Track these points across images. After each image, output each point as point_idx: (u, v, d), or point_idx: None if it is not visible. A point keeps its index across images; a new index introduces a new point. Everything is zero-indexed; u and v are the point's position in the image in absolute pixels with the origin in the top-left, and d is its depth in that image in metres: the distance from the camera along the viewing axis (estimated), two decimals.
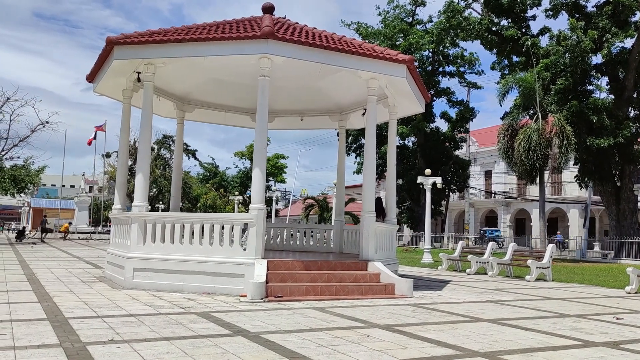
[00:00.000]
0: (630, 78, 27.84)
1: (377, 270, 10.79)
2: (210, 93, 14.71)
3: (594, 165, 28.58)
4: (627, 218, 28.79)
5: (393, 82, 11.92)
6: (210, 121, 16.59)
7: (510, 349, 5.83)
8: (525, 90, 28.27)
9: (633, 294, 12.75)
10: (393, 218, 13.78)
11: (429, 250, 24.12)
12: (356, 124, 16.45)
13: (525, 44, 29.49)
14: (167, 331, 6.08)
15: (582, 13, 29.50)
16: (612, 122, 26.98)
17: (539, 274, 15.58)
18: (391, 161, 14.01)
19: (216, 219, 10.48)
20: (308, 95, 14.81)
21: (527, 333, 6.86)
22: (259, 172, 10.14)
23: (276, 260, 10.20)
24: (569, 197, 49.74)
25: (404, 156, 45.49)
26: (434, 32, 40.31)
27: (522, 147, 26.60)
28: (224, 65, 12.36)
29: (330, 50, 10.37)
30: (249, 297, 8.94)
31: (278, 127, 17.29)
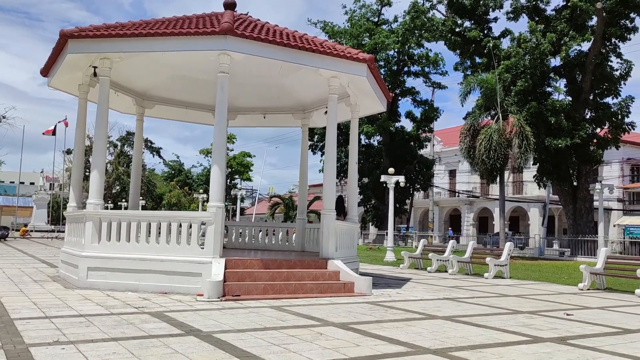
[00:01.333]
0: (587, 81, 28.62)
1: (336, 268, 10.81)
2: (171, 89, 14.49)
3: (552, 165, 29.28)
4: (583, 217, 29.61)
5: (354, 80, 11.96)
6: (171, 118, 16.36)
7: (461, 345, 5.91)
8: (486, 91, 28.76)
9: (585, 290, 13.11)
10: (354, 216, 13.84)
11: (391, 248, 24.32)
12: (319, 122, 16.45)
13: (487, 45, 30.02)
14: (117, 331, 5.95)
15: (541, 16, 30.19)
16: (569, 124, 27.69)
17: (497, 272, 15.88)
18: (353, 160, 14.05)
19: (174, 217, 10.33)
20: (270, 92, 14.74)
21: (479, 330, 6.97)
22: (217, 170, 10.03)
23: (235, 259, 10.12)
24: (530, 197, 50.89)
25: (370, 155, 45.76)
26: (399, 32, 40.67)
27: (483, 147, 27.06)
28: (184, 61, 12.18)
29: (291, 48, 10.34)
30: (205, 296, 8.84)
31: (241, 125, 17.18)
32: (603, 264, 13.75)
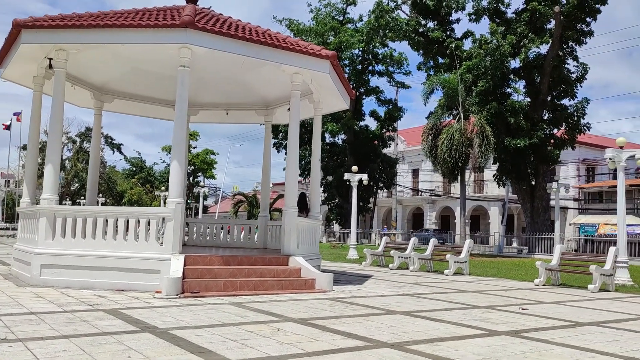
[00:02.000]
0: (545, 82, 29.37)
1: (298, 265, 10.79)
2: (131, 83, 14.19)
3: (511, 165, 29.95)
4: (540, 215, 30.39)
5: (317, 77, 11.95)
6: (130, 112, 16.03)
7: (418, 339, 5.97)
8: (449, 91, 29.22)
9: (541, 286, 13.45)
10: (317, 213, 13.84)
11: (354, 246, 24.45)
12: (282, 119, 16.38)
13: (449, 46, 30.48)
14: (69, 329, 5.79)
15: (502, 19, 30.83)
16: (528, 124, 28.37)
17: (456, 268, 16.14)
18: (316, 157, 14.05)
19: (132, 213, 10.13)
20: (233, 88, 14.61)
21: (436, 324, 7.05)
22: (177, 165, 9.87)
23: (194, 255, 9.98)
24: (490, 196, 51.91)
25: (334, 153, 45.91)
26: (364, 32, 40.90)
27: (445, 146, 27.48)
28: (144, 55, 11.94)
29: (253, 42, 10.25)
30: (163, 293, 8.69)
31: (203, 121, 16.97)
32: (558, 261, 14.13)
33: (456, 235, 43.46)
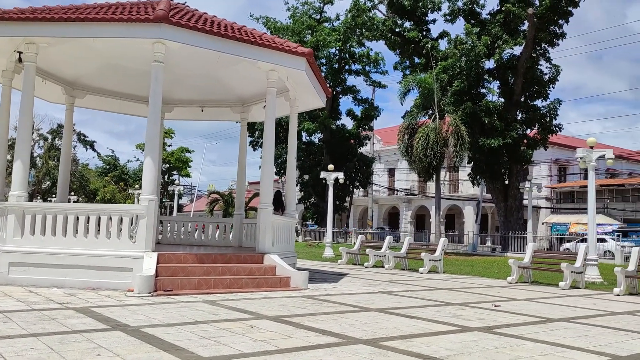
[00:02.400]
0: (519, 83, 29.80)
1: (273, 263, 10.74)
2: (104, 78, 13.95)
3: (485, 164, 30.32)
4: (513, 214, 30.83)
5: (293, 75, 11.91)
6: (103, 109, 15.78)
7: (392, 335, 5.99)
8: (424, 91, 29.44)
9: (514, 283, 13.63)
10: (293, 211, 13.81)
11: (330, 244, 24.47)
12: (258, 116, 16.29)
13: (425, 46, 30.72)
14: (37, 327, 5.65)
15: (477, 20, 31.18)
16: (502, 124, 28.76)
17: (431, 267, 16.26)
18: (291, 154, 14.02)
19: (103, 210, 9.97)
20: (208, 85, 14.47)
21: (410, 321, 7.09)
22: (150, 162, 9.74)
23: (167, 253, 9.86)
24: (465, 195, 52.48)
25: (310, 152, 45.89)
26: (341, 30, 40.97)
27: (421, 145, 27.68)
28: (117, 49, 11.75)
29: (229, 39, 10.17)
30: (136, 292, 8.56)
31: (177, 118, 16.80)
32: (530, 259, 14.34)
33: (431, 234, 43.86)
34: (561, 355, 5.33)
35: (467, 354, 5.19)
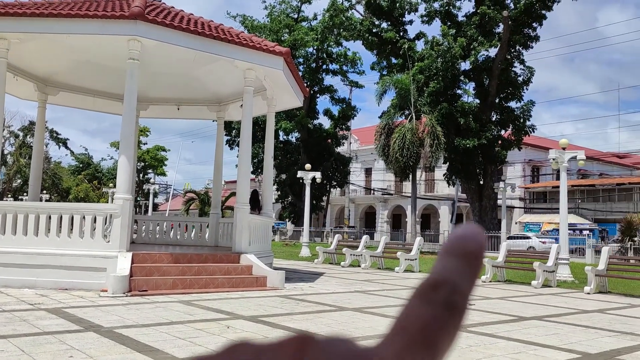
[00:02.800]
0: (494, 85, 30.18)
1: (249, 262, 10.71)
2: (77, 75, 13.73)
3: (460, 164, 30.63)
4: (488, 214, 31.23)
5: (270, 74, 11.88)
6: (77, 106, 15.54)
7: (368, 335, 6.02)
8: (401, 91, 29.63)
9: (488, 282, 13.82)
10: (269, 211, 13.78)
11: (307, 244, 24.47)
12: (235, 115, 16.22)
13: (402, 47, 30.92)
14: (7, 329, 5.55)
15: (453, 21, 31.48)
16: (477, 125, 29.09)
17: (407, 266, 16.38)
18: (268, 154, 13.99)
19: (77, 209, 9.81)
20: (185, 83, 14.35)
21: (386, 320, 7.13)
22: (125, 160, 9.63)
23: (142, 253, 9.76)
24: (441, 195, 52.98)
25: (288, 151, 45.82)
26: (319, 30, 40.98)
27: (397, 145, 27.86)
28: (91, 46, 11.57)
29: (205, 37, 10.11)
30: (110, 292, 8.45)
31: (153, 116, 16.64)
32: (504, 258, 14.55)
33: (407, 233, 44.19)
34: (533, 354, 5.43)
35: None
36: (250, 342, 0.26)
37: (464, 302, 0.26)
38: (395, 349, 0.24)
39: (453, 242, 0.27)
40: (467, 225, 0.28)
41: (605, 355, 5.53)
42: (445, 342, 0.25)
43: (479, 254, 0.27)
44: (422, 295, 0.26)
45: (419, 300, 0.25)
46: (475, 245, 0.27)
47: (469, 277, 0.26)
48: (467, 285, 0.26)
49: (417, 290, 0.26)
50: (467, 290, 0.26)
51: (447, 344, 0.25)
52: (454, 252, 0.27)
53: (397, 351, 0.24)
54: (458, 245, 0.27)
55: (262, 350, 0.25)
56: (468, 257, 0.27)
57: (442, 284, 0.26)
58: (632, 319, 8.28)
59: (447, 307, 0.25)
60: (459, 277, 0.26)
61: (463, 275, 0.26)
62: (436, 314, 0.25)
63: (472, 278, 0.26)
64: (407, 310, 0.25)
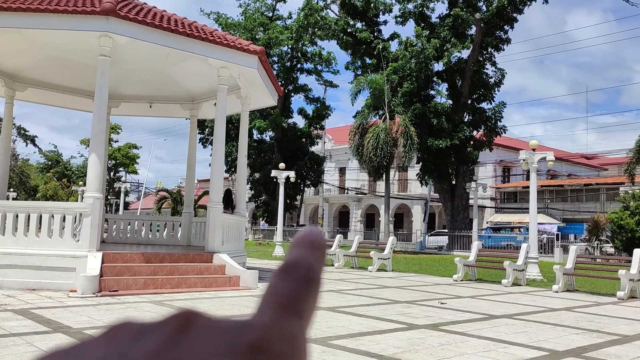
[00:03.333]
0: (466, 86, 30.58)
1: (222, 262, 10.64)
2: (47, 71, 13.44)
3: (433, 164, 30.96)
4: (460, 213, 31.63)
5: (245, 72, 11.82)
6: (46, 103, 15.20)
7: (341, 334, 6.04)
8: (375, 92, 29.78)
9: (459, 281, 13.99)
10: (243, 210, 13.72)
11: (281, 243, 24.43)
12: (209, 113, 16.10)
13: (376, 47, 31.08)
14: None
15: (427, 23, 31.78)
16: (449, 125, 29.43)
17: (380, 265, 16.48)
18: (242, 153, 13.92)
19: (45, 207, 9.62)
20: (157, 81, 14.17)
21: (359, 319, 7.17)
22: (95, 158, 9.47)
23: (113, 252, 9.61)
24: (414, 194, 53.45)
25: (261, 150, 45.65)
26: (293, 29, 40.91)
27: (371, 145, 28.01)
28: (62, 42, 11.35)
29: (179, 34, 10.00)
30: (79, 292, 8.30)
31: (125, 113, 16.40)
32: (475, 257, 14.76)
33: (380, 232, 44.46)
34: (503, 351, 5.52)
35: (413, 351, 5.30)
36: (133, 321, 0.28)
37: (319, 277, 0.30)
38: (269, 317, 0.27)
39: (301, 237, 0.32)
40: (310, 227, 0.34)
41: (573, 352, 5.65)
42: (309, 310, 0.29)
43: (322, 245, 0.32)
44: (284, 273, 0.29)
45: (282, 277, 0.29)
46: (319, 239, 0.32)
47: (318, 259, 0.31)
48: (319, 266, 0.31)
49: (279, 270, 0.30)
50: (319, 269, 0.30)
51: (310, 311, 0.29)
52: (303, 243, 0.32)
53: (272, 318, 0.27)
54: (305, 239, 0.32)
55: (145, 329, 0.27)
56: (314, 246, 0.32)
57: (299, 264, 0.30)
58: (598, 316, 8.49)
59: (306, 280, 0.29)
60: (311, 259, 0.31)
61: (314, 259, 0.31)
62: (299, 287, 0.29)
63: (321, 261, 0.31)
64: (273, 285, 0.29)
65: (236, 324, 0.27)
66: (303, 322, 0.28)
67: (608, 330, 7.09)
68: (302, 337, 0.28)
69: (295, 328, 0.27)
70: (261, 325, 0.26)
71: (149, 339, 0.26)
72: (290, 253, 0.32)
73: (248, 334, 0.26)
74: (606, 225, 29.67)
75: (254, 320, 0.27)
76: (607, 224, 29.23)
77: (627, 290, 11.34)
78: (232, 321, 0.28)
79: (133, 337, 0.26)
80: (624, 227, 25.29)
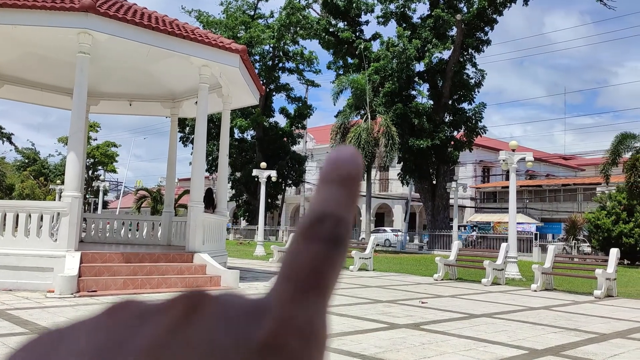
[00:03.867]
0: (447, 86, 30.81)
1: (203, 262, 10.57)
2: (24, 68, 13.21)
3: (414, 164, 31.14)
4: (440, 213, 31.87)
5: (226, 71, 11.76)
6: (24, 100, 14.96)
7: None
8: (357, 91, 29.86)
9: (440, 280, 14.09)
10: (224, 209, 13.65)
11: (262, 242, 24.35)
12: (189, 112, 15.96)
13: (358, 47, 31.16)
14: None
15: (408, 23, 31.94)
16: (430, 126, 29.63)
17: (361, 264, 16.52)
18: (223, 152, 13.85)
19: (22, 206, 9.46)
20: (138, 78, 14.02)
21: (341, 319, 7.17)
22: (74, 157, 9.34)
23: (92, 252, 9.49)
24: (394, 194, 53.70)
25: (243, 149, 45.47)
26: (275, 28, 40.82)
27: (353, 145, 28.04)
28: (40, 38, 11.14)
29: (160, 32, 9.91)
30: (57, 293, 8.18)
31: (104, 111, 16.20)
32: (455, 257, 14.88)
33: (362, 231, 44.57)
34: (483, 350, 5.57)
35: (395, 351, 5.32)
36: (136, 301, 0.24)
37: (348, 233, 0.25)
38: (288, 295, 0.23)
39: (329, 168, 0.26)
40: (342, 147, 0.27)
41: (551, 350, 5.73)
42: (333, 279, 0.24)
43: (356, 175, 0.26)
44: (307, 232, 0.24)
45: (304, 238, 0.24)
46: (352, 168, 0.26)
47: (349, 203, 0.25)
48: (348, 214, 0.25)
49: (302, 227, 0.25)
50: (349, 219, 0.25)
51: (334, 280, 0.24)
52: (332, 178, 0.25)
53: (288, 301, 0.23)
54: (335, 171, 0.26)
55: (149, 311, 0.23)
56: (345, 182, 0.25)
57: (325, 218, 0.24)
58: (576, 315, 8.62)
59: (333, 242, 0.24)
60: (340, 207, 0.25)
61: (344, 204, 0.25)
62: (323, 252, 0.24)
63: (351, 203, 0.25)
64: (294, 251, 0.24)
65: (247, 311, 0.23)
66: (325, 299, 0.24)
67: (585, 329, 7.20)
68: (322, 325, 0.23)
69: (314, 314, 0.23)
70: (275, 314, 0.23)
71: (150, 326, 0.23)
72: (317, 196, 0.25)
73: (259, 327, 0.22)
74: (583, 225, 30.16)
75: (267, 304, 0.23)
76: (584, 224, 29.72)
77: (603, 289, 11.53)
78: (244, 305, 0.24)
79: (133, 322, 0.23)
80: (601, 227, 25.73)
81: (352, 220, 0.25)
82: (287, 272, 0.24)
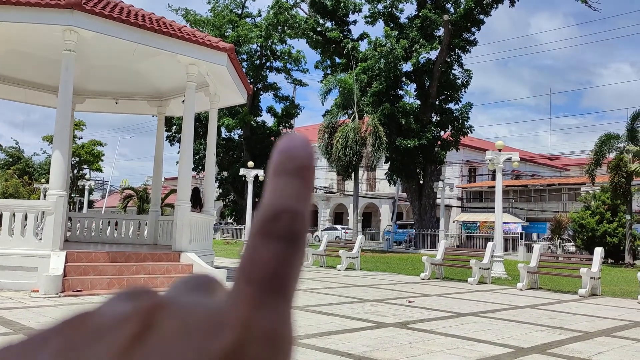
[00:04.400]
0: (434, 87, 30.95)
1: (190, 261, 10.52)
2: (8, 66, 13.03)
3: (401, 164, 31.23)
4: (427, 212, 32.01)
5: (214, 70, 11.71)
6: (7, 98, 14.76)
7: (310, 333, 6.04)
8: (344, 91, 29.90)
9: (427, 280, 14.16)
10: (211, 209, 13.59)
11: None
12: (177, 111, 15.89)
13: (346, 46, 31.21)
14: None
15: (396, 23, 32.04)
16: (417, 125, 29.74)
17: (349, 264, 16.54)
18: (211, 151, 13.79)
19: (6, 205, 9.35)
20: (124, 77, 13.91)
21: (329, 318, 7.18)
22: (59, 155, 9.24)
23: (77, 251, 9.40)
24: (382, 193, 53.85)
25: (230, 149, 45.33)
26: (263, 27, 40.72)
27: (340, 144, 28.10)
28: (24, 35, 11.01)
29: (146, 30, 9.84)
30: (41, 292, 8.09)
31: (90, 110, 16.06)
32: (442, 256, 14.95)
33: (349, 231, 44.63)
34: (470, 348, 5.60)
35: (382, 350, 5.33)
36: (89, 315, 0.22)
37: (305, 227, 0.23)
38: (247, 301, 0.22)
39: (281, 159, 0.24)
40: (291, 135, 0.25)
41: (537, 349, 5.78)
42: (294, 279, 0.23)
43: (309, 165, 0.24)
44: (263, 229, 0.23)
45: (262, 236, 0.23)
46: (304, 157, 0.24)
47: (305, 195, 0.24)
48: (305, 207, 0.23)
49: (257, 225, 0.23)
50: (306, 212, 0.23)
51: (296, 279, 0.23)
52: (284, 170, 0.24)
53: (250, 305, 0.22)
54: (287, 162, 0.24)
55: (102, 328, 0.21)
56: (299, 172, 0.24)
57: (281, 213, 0.23)
58: (561, 313, 8.70)
59: (291, 239, 0.23)
60: (295, 200, 0.23)
61: (299, 196, 0.23)
62: (282, 251, 0.22)
63: (307, 194, 0.24)
64: (251, 252, 0.23)
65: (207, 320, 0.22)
66: (287, 302, 0.22)
67: (570, 327, 7.28)
68: (287, 329, 0.22)
69: (277, 318, 0.22)
70: (236, 321, 0.21)
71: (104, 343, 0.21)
72: (269, 191, 0.24)
73: (221, 336, 0.21)
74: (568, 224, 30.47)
75: (228, 310, 0.22)
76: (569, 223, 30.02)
77: (588, 287, 11.66)
78: (203, 314, 0.22)
79: (87, 339, 0.21)
80: (585, 227, 26.01)
81: (309, 213, 0.24)
82: (247, 274, 0.23)
